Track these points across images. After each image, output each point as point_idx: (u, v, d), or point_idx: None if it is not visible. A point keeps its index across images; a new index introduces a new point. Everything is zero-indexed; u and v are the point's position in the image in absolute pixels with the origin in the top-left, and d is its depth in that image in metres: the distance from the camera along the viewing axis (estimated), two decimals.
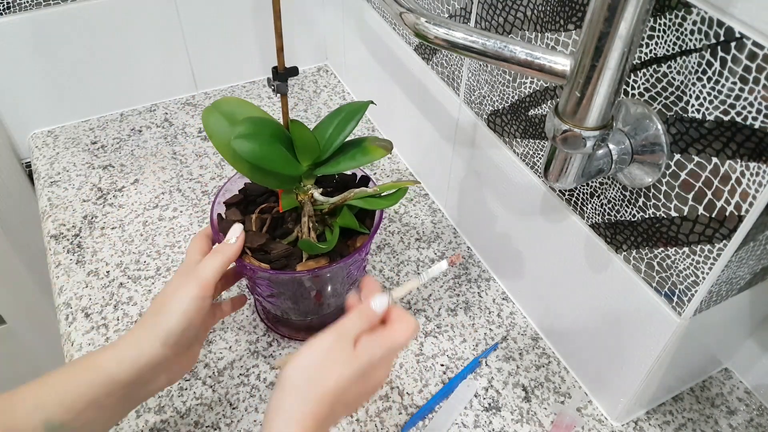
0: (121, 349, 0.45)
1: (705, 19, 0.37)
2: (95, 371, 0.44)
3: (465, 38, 0.41)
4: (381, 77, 0.86)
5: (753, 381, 0.63)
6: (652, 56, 0.41)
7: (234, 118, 0.56)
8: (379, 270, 0.73)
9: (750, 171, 0.37)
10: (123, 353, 0.45)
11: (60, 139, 0.90)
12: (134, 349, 0.45)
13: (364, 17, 0.86)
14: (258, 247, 0.56)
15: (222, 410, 0.59)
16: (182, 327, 0.47)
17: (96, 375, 0.44)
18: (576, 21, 0.47)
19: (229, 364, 0.63)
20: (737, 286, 0.48)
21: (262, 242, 0.56)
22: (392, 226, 0.79)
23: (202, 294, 0.48)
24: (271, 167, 0.53)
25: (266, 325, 0.66)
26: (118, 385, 0.44)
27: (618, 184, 0.48)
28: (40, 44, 0.83)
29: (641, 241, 0.48)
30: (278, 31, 0.50)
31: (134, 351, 0.45)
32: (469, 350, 0.65)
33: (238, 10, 0.94)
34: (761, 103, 0.35)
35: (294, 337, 0.66)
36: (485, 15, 0.57)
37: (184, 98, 0.99)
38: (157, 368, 0.46)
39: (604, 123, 0.39)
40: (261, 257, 0.55)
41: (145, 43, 0.90)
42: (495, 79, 0.60)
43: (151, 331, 0.46)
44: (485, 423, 0.59)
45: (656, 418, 0.60)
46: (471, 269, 0.74)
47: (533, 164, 0.59)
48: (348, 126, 0.57)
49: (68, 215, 0.79)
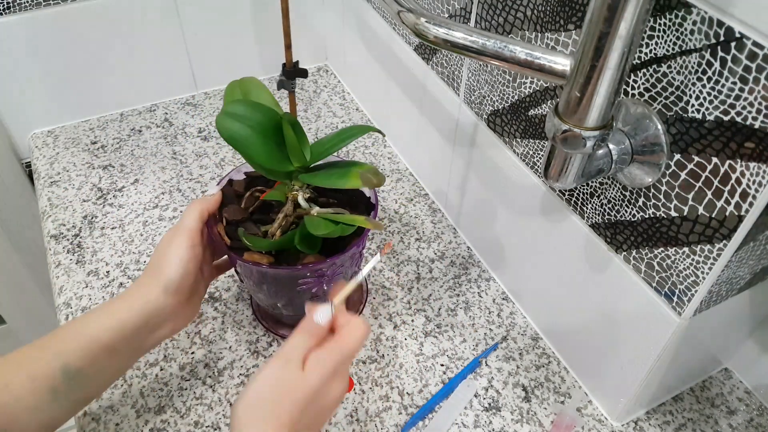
0: (130, 298, 0.49)
1: (705, 19, 0.37)
2: (109, 317, 0.48)
3: (465, 38, 0.41)
4: (381, 77, 0.86)
5: (753, 381, 0.63)
6: (652, 56, 0.41)
7: (248, 96, 0.57)
8: (379, 270, 0.73)
9: (750, 171, 0.37)
10: (132, 301, 0.49)
11: (60, 139, 0.90)
12: (141, 297, 0.49)
13: (364, 17, 0.86)
14: (233, 221, 0.57)
15: (222, 410, 0.59)
16: (179, 275, 0.50)
17: (110, 320, 0.48)
18: (576, 21, 0.47)
19: (229, 364, 0.63)
20: (737, 286, 0.48)
21: (239, 218, 0.57)
22: (392, 226, 0.79)
23: (191, 243, 0.51)
24: (249, 153, 0.53)
25: (264, 326, 0.67)
26: (129, 330, 0.48)
27: (618, 184, 0.48)
28: (40, 44, 0.83)
29: (641, 241, 0.48)
30: (286, 30, 0.50)
31: (141, 299, 0.49)
32: (469, 350, 0.65)
33: (238, 10, 0.94)
34: (761, 103, 0.35)
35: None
36: (485, 15, 0.57)
37: (184, 98, 0.99)
38: (162, 315, 0.50)
39: (604, 123, 0.39)
40: (230, 232, 0.56)
41: (145, 43, 0.90)
42: (495, 79, 0.60)
43: (153, 281, 0.50)
44: (485, 423, 0.59)
45: (656, 418, 0.60)
46: (471, 269, 0.74)
47: (533, 164, 0.59)
48: (340, 144, 0.57)
49: (68, 215, 0.79)
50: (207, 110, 0.97)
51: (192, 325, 0.66)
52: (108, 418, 0.59)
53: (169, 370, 0.62)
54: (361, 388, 0.62)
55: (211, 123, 0.94)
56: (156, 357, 0.64)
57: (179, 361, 0.63)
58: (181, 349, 0.64)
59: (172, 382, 0.62)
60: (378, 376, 0.63)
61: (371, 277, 0.72)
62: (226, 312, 0.68)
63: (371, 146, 0.91)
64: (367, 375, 0.63)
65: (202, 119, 0.95)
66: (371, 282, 0.72)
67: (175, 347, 0.65)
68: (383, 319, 0.68)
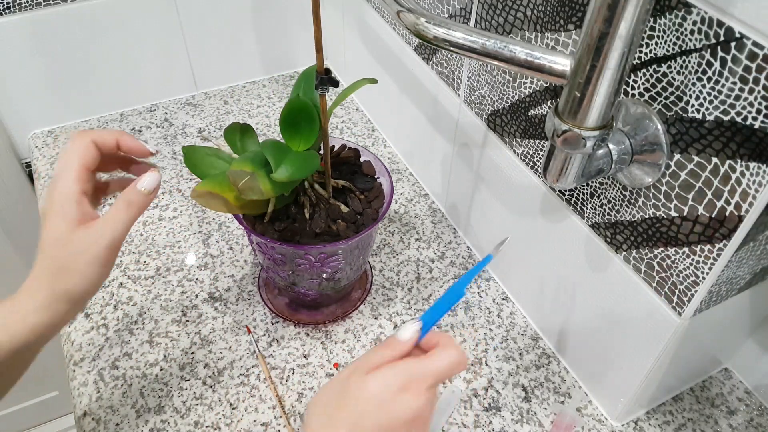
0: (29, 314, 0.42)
1: (705, 19, 0.37)
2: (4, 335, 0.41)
3: (465, 38, 0.41)
4: (381, 77, 0.86)
5: (753, 381, 0.63)
6: (652, 56, 0.41)
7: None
8: (379, 270, 0.73)
9: (750, 171, 0.37)
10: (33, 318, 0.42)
11: (60, 139, 0.90)
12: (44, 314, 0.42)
13: (364, 17, 0.86)
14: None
15: (222, 410, 0.59)
16: (90, 292, 0.43)
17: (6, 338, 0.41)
18: (576, 21, 0.47)
19: (229, 364, 0.63)
20: (737, 286, 0.48)
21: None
22: (392, 226, 0.79)
23: (112, 259, 0.44)
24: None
25: (270, 308, 0.67)
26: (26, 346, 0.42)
27: (618, 184, 0.48)
28: (40, 44, 0.83)
29: (641, 241, 0.48)
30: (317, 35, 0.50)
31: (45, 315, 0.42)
32: (469, 350, 0.65)
33: (238, 10, 0.94)
34: (761, 103, 0.35)
35: (304, 322, 0.66)
36: (485, 15, 0.57)
37: (184, 98, 0.99)
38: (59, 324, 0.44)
39: (604, 123, 0.39)
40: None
41: (145, 43, 0.90)
42: (495, 79, 0.60)
43: (53, 293, 0.42)
44: (485, 423, 0.59)
45: (656, 418, 0.60)
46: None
47: (533, 164, 0.59)
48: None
49: None
50: (207, 110, 0.97)
51: (192, 325, 0.67)
52: (108, 418, 0.59)
53: (169, 370, 0.62)
54: None
55: (210, 123, 0.94)
56: (156, 357, 0.64)
57: (179, 361, 0.63)
58: (181, 349, 0.64)
59: (172, 382, 0.62)
60: None
61: (371, 276, 0.72)
62: (226, 312, 0.68)
63: (371, 146, 0.91)
64: None
65: (202, 119, 0.95)
66: (371, 282, 0.72)
67: (175, 347, 0.65)
68: (383, 319, 0.68)
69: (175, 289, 0.70)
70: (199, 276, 0.72)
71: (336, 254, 0.58)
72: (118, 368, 0.63)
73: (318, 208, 0.59)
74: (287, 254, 0.58)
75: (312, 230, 0.58)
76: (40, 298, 0.42)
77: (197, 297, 0.69)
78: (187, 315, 0.68)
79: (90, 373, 0.62)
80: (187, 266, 0.73)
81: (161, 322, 0.67)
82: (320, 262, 0.58)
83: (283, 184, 0.53)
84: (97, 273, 0.43)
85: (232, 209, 0.54)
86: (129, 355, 0.64)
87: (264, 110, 0.98)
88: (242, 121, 0.65)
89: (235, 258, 0.74)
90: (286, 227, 0.58)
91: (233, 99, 1.00)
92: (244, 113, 0.97)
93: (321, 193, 0.60)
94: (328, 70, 0.52)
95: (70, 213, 0.43)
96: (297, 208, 0.59)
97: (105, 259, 0.43)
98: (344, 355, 0.64)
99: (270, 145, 0.53)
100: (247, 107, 0.98)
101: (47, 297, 0.42)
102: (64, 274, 0.42)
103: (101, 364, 0.63)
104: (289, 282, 0.63)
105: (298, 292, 0.65)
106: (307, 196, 0.59)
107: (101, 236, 0.43)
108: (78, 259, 0.42)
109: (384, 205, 0.61)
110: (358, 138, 0.93)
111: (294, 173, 0.51)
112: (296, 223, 0.59)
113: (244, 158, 0.53)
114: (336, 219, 0.59)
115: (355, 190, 0.62)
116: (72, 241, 0.42)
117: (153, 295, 0.70)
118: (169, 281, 0.71)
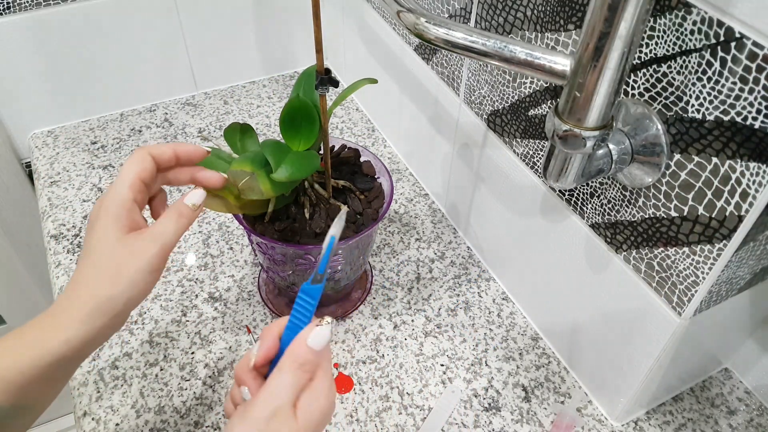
0: (67, 328, 0.39)
1: (705, 19, 0.37)
2: (40, 349, 0.39)
3: (465, 38, 0.41)
4: (381, 77, 0.86)
5: (753, 381, 0.63)
6: (652, 56, 0.41)
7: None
8: (379, 270, 0.73)
9: (750, 171, 0.37)
10: (69, 332, 0.39)
11: (60, 139, 0.90)
12: (81, 327, 0.40)
13: (364, 17, 0.86)
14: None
15: (222, 410, 0.59)
16: (135, 302, 0.42)
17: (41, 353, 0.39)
18: (576, 21, 0.47)
19: (229, 364, 0.63)
20: (737, 286, 0.48)
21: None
22: (392, 226, 0.79)
23: (161, 267, 0.43)
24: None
25: (274, 313, 0.67)
26: (65, 361, 0.40)
27: (618, 184, 0.48)
28: (40, 44, 0.83)
29: (641, 241, 0.48)
30: (317, 36, 0.50)
31: (82, 329, 0.40)
32: (469, 350, 0.65)
33: (238, 10, 0.94)
34: (761, 103, 0.35)
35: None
36: (485, 15, 0.57)
37: (184, 98, 0.99)
38: (97, 339, 0.41)
39: (604, 123, 0.39)
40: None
41: (145, 43, 0.90)
42: (495, 79, 0.60)
43: (95, 300, 0.40)
44: (485, 423, 0.59)
45: (656, 418, 0.60)
46: (471, 269, 0.74)
47: (533, 164, 0.59)
48: None
49: (68, 215, 0.79)
50: (207, 110, 0.97)
51: (192, 325, 0.67)
52: (108, 418, 0.59)
53: (169, 370, 0.63)
54: (361, 388, 0.62)
55: (210, 123, 0.94)
56: (156, 357, 0.64)
57: (179, 361, 0.63)
58: (181, 349, 0.64)
59: (172, 382, 0.62)
60: (378, 376, 0.63)
61: (371, 276, 0.72)
62: (226, 312, 0.68)
63: (371, 146, 0.91)
64: (367, 375, 0.63)
65: (202, 119, 0.95)
66: (371, 282, 0.72)
67: (175, 347, 0.65)
68: (383, 319, 0.68)
69: (175, 289, 0.70)
70: (199, 276, 0.72)
71: (336, 254, 0.58)
72: (118, 368, 0.63)
73: (318, 208, 0.59)
74: (287, 254, 0.58)
75: (312, 230, 0.58)
76: (80, 306, 0.40)
77: (197, 297, 0.69)
78: (187, 315, 0.68)
79: (90, 373, 0.62)
80: (187, 266, 0.73)
81: (161, 322, 0.67)
82: None
83: (283, 184, 0.53)
84: (145, 281, 0.41)
85: (232, 209, 0.54)
86: (129, 355, 0.64)
87: (264, 110, 0.98)
88: (242, 121, 0.65)
89: (235, 258, 0.74)
90: (286, 227, 0.58)
91: (233, 99, 1.00)
92: (244, 113, 0.97)
93: (321, 193, 0.60)
94: (328, 70, 0.52)
95: (122, 219, 0.42)
96: (297, 208, 0.59)
97: (155, 266, 0.42)
98: (344, 355, 0.64)
99: (270, 145, 0.53)
100: (247, 107, 0.98)
101: (88, 304, 0.40)
102: (110, 279, 0.40)
103: (101, 364, 0.63)
104: (289, 282, 0.62)
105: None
106: (307, 196, 0.59)
107: (153, 243, 0.42)
108: (128, 265, 0.41)
109: (384, 205, 0.61)
110: (358, 138, 0.93)
111: (294, 173, 0.51)
112: (296, 223, 0.59)
113: (244, 158, 0.53)
114: None
115: (355, 190, 0.62)
116: (123, 246, 0.41)
117: (153, 295, 0.70)
118: (169, 281, 0.71)
